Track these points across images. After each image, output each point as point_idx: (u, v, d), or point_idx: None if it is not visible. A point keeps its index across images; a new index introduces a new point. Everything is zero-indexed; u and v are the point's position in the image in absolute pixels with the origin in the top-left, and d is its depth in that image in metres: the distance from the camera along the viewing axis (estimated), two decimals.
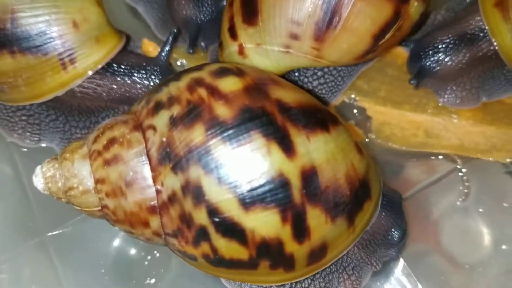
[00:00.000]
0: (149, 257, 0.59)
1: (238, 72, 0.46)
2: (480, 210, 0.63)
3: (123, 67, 0.60)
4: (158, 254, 0.59)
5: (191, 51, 0.64)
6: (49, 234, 0.61)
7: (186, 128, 0.43)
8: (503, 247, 0.60)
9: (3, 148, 0.65)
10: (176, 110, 0.44)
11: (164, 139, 0.43)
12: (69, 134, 0.63)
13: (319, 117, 0.46)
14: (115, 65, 0.59)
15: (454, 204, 0.63)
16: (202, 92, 0.44)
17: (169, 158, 0.43)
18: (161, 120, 0.44)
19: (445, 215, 0.63)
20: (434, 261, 0.60)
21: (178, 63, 0.68)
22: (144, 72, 0.60)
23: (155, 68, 0.60)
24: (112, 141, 0.45)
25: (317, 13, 0.51)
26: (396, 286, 0.59)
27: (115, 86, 0.59)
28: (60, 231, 0.62)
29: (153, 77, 0.60)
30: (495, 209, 0.63)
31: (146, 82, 0.60)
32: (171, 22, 0.68)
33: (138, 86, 0.60)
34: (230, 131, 0.42)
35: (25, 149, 0.66)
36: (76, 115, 0.62)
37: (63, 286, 0.59)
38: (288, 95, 0.46)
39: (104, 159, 0.45)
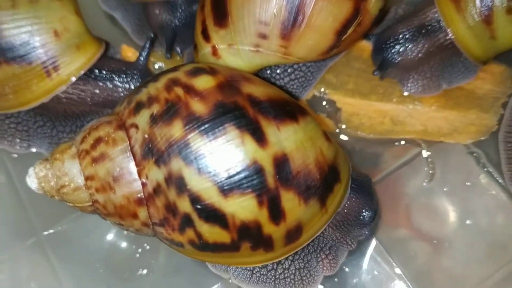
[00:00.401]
0: (139, 250, 0.62)
1: (211, 71, 0.50)
2: (445, 189, 0.66)
3: (104, 72, 0.62)
4: (148, 247, 0.62)
5: (168, 55, 0.67)
6: (45, 233, 0.63)
7: (166, 124, 0.46)
8: (467, 222, 0.63)
9: None
10: (155, 108, 0.47)
11: (146, 136, 0.47)
12: (57, 139, 0.66)
13: (288, 109, 0.50)
14: (96, 70, 0.62)
15: (421, 185, 0.66)
16: (179, 90, 0.47)
17: (152, 153, 0.46)
18: (142, 118, 0.47)
19: (413, 195, 0.66)
20: (405, 239, 0.63)
21: (156, 66, 0.70)
22: (124, 76, 0.63)
23: (135, 72, 0.63)
24: (98, 141, 0.48)
25: (282, 13, 0.54)
26: (371, 263, 0.62)
27: (97, 91, 0.62)
28: (55, 230, 0.64)
29: (133, 80, 0.63)
30: (459, 188, 0.66)
31: (127, 86, 0.63)
32: (147, 28, 0.70)
33: (120, 89, 0.63)
34: (206, 125, 0.45)
35: (15, 155, 0.67)
36: (62, 120, 0.64)
37: (61, 282, 0.62)
38: (258, 90, 0.49)
39: (92, 157, 0.48)
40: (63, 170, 0.49)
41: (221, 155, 0.45)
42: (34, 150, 0.67)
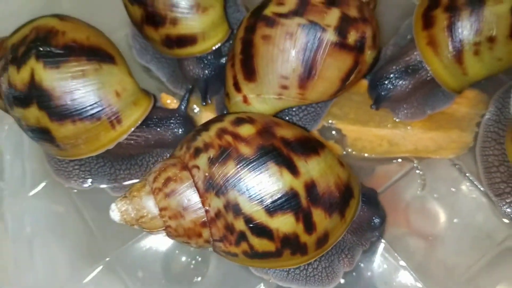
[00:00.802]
0: (193, 262, 0.75)
1: (250, 120, 0.62)
2: (435, 195, 0.77)
3: (154, 120, 0.75)
4: (199, 259, 0.75)
5: (204, 103, 0.79)
6: (114, 254, 0.76)
7: (221, 165, 0.58)
8: (455, 220, 0.75)
9: (63, 192, 0.79)
10: (212, 152, 0.60)
11: (207, 174, 0.59)
12: (114, 176, 0.78)
13: (311, 145, 0.62)
14: (148, 119, 0.74)
15: (415, 193, 0.77)
16: (228, 138, 0.60)
17: (212, 187, 0.59)
18: (202, 160, 0.60)
19: (410, 203, 0.77)
20: (406, 237, 0.75)
21: (195, 110, 0.82)
22: (170, 122, 0.76)
23: (179, 118, 0.76)
24: (168, 180, 0.61)
25: (299, 69, 0.67)
26: (380, 258, 0.74)
27: (150, 136, 0.75)
28: (122, 251, 0.76)
29: (178, 125, 0.76)
30: (446, 194, 0.77)
31: (174, 130, 0.75)
32: (180, 76, 0.82)
33: (168, 133, 0.75)
34: (253, 163, 0.57)
35: (75, 190, 0.79)
36: (120, 160, 0.77)
37: None
38: (287, 132, 0.62)
39: (164, 193, 0.60)
40: (141, 205, 0.61)
41: (266, 185, 0.57)
42: (94, 185, 0.78)
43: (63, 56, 0.67)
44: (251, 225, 0.58)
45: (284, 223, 0.59)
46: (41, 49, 0.67)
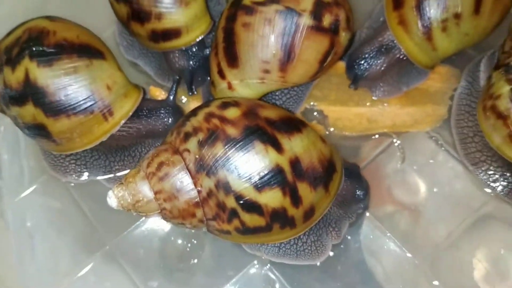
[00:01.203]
0: (189, 245, 0.78)
1: (235, 103, 0.66)
2: (414, 167, 0.81)
3: (145, 111, 0.78)
4: (195, 241, 0.78)
5: (190, 93, 0.83)
6: (113, 242, 0.79)
7: (210, 146, 0.62)
8: (434, 190, 0.79)
9: (60, 187, 0.82)
10: (200, 136, 0.63)
11: (197, 156, 0.63)
12: (109, 167, 0.81)
13: (294, 123, 0.66)
14: (138, 111, 0.77)
15: (396, 167, 0.81)
16: (215, 121, 0.64)
17: (203, 168, 0.62)
18: (192, 144, 0.63)
19: (391, 175, 0.80)
20: (389, 208, 0.78)
21: (183, 100, 0.86)
22: (160, 112, 0.79)
23: (168, 108, 0.79)
24: (161, 164, 0.64)
25: (279, 53, 0.71)
26: (367, 229, 0.77)
27: (141, 126, 0.78)
28: (121, 238, 0.79)
29: (167, 114, 0.79)
30: (425, 165, 0.80)
31: (164, 120, 0.79)
32: (168, 71, 0.86)
33: (158, 123, 0.79)
34: (240, 143, 0.61)
35: (72, 184, 0.83)
36: (113, 152, 0.80)
37: (134, 281, 0.77)
38: (271, 113, 0.66)
39: (158, 177, 0.64)
40: (137, 189, 0.65)
41: (253, 163, 0.61)
42: (90, 178, 0.81)
43: (55, 55, 0.70)
44: (241, 202, 0.62)
45: (272, 198, 0.63)
46: (34, 49, 0.70)
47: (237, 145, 0.62)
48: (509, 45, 0.75)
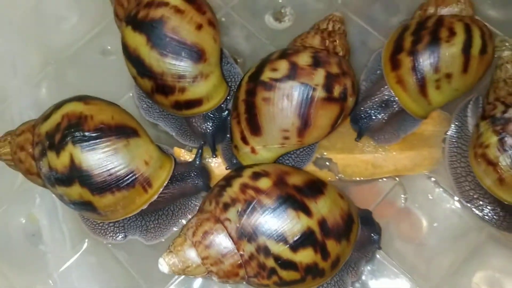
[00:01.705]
0: None
1: (265, 173, 0.75)
2: (416, 205, 0.90)
3: (177, 176, 0.86)
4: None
5: (214, 156, 0.91)
6: None
7: (249, 216, 0.71)
8: (435, 224, 0.88)
9: (101, 245, 0.90)
10: (239, 206, 0.72)
11: (238, 225, 0.72)
12: (145, 227, 0.89)
13: (317, 186, 0.76)
14: (172, 177, 0.84)
15: (400, 206, 0.90)
16: (251, 192, 0.72)
17: (244, 235, 0.71)
18: (232, 214, 0.72)
19: (397, 214, 0.90)
20: (398, 243, 0.88)
21: (207, 160, 0.93)
22: (191, 175, 0.87)
23: (196, 171, 0.88)
24: (206, 233, 0.72)
25: (296, 122, 0.79)
26: (379, 265, 0.88)
27: (175, 191, 0.86)
28: None
29: (197, 176, 0.87)
30: (425, 203, 0.90)
31: (194, 181, 0.87)
32: (188, 131, 0.93)
33: (189, 185, 0.87)
34: (275, 211, 0.70)
35: (110, 244, 0.91)
36: (149, 214, 0.88)
37: None
38: (297, 179, 0.75)
39: (204, 245, 0.72)
40: (186, 257, 0.73)
41: (288, 228, 0.70)
42: (128, 238, 0.89)
43: (96, 139, 0.77)
44: (280, 262, 0.72)
45: (305, 256, 0.72)
46: (76, 134, 0.77)
47: (273, 213, 0.71)
48: (493, 96, 0.86)
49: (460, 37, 0.82)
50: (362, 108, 0.91)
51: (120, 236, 0.90)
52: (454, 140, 0.92)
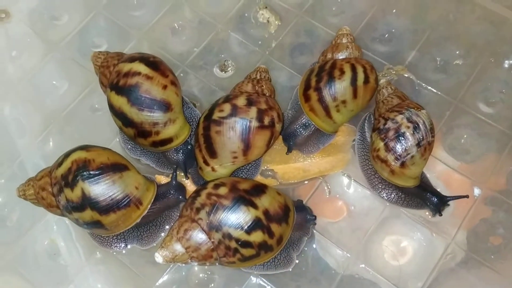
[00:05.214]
0: (205, 275, 1.14)
1: (222, 184, 1.04)
2: (337, 196, 1.13)
3: (160, 194, 1.13)
4: (209, 272, 1.14)
5: (186, 178, 1.20)
6: (157, 283, 1.15)
7: (214, 214, 0.99)
8: (351, 208, 1.14)
9: (110, 255, 1.17)
10: (207, 208, 1.00)
11: (208, 221, 1.00)
12: (140, 237, 1.11)
13: (260, 188, 1.06)
14: (156, 196, 1.12)
15: (326, 197, 1.13)
16: (214, 197, 1.00)
17: (213, 228, 0.99)
18: (202, 214, 1.00)
19: (324, 203, 1.12)
20: (327, 224, 1.13)
21: (183, 179, 1.20)
22: (170, 192, 1.13)
23: (174, 188, 1.13)
24: (186, 230, 0.99)
25: (241, 146, 1.08)
26: (315, 239, 1.13)
27: (160, 205, 1.12)
28: (162, 281, 1.16)
29: (175, 192, 1.12)
30: (343, 193, 1.13)
31: (174, 196, 1.13)
32: (165, 162, 1.20)
33: (170, 200, 1.13)
34: (232, 208, 0.99)
35: (115, 253, 1.18)
36: (143, 226, 1.13)
37: None
38: (245, 185, 1.05)
39: (186, 239, 0.99)
40: (174, 249, 1.00)
41: (243, 219, 0.98)
42: (128, 246, 1.12)
43: (99, 175, 1.02)
44: (240, 243, 0.95)
45: (257, 236, 0.95)
46: (84, 174, 1.03)
47: (231, 210, 0.98)
48: (377, 113, 1.19)
49: (348, 74, 1.07)
50: (289, 130, 1.15)
51: (122, 245, 1.12)
52: (359, 147, 1.15)
